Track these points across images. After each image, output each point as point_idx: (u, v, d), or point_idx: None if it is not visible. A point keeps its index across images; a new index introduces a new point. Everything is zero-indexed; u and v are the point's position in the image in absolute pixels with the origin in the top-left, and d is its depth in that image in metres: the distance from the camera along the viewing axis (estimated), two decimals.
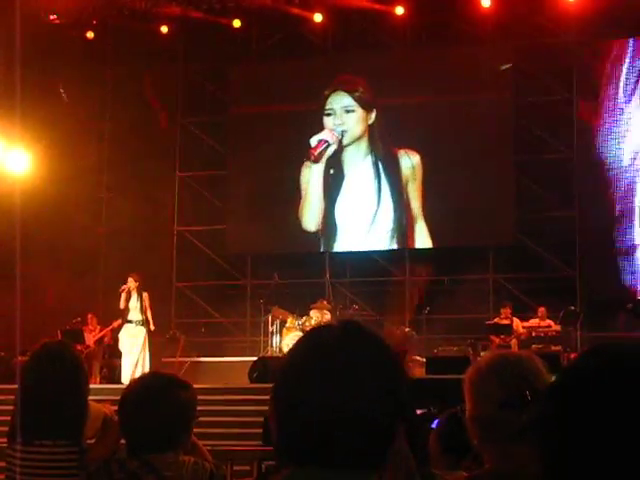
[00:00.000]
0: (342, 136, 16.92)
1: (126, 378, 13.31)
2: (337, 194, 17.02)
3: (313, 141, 16.80)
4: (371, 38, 17.35)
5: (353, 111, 17.06)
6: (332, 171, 17.02)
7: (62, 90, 17.42)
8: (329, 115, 17.06)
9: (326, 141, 16.82)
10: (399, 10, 16.82)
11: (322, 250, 17.13)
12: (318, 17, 17.11)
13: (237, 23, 17.41)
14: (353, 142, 16.95)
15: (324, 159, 16.94)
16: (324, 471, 1.38)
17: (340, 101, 17.10)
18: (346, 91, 17.12)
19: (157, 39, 17.62)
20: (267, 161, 17.17)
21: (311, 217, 17.16)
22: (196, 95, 18.15)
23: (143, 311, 13.93)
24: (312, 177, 17.09)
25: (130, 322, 13.94)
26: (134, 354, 13.75)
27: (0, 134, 15.37)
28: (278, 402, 1.44)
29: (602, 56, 16.00)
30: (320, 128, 16.99)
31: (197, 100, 18.14)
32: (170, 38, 17.79)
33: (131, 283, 13.93)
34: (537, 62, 16.44)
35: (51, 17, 17.39)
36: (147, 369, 13.31)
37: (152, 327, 14.07)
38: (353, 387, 1.38)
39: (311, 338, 1.49)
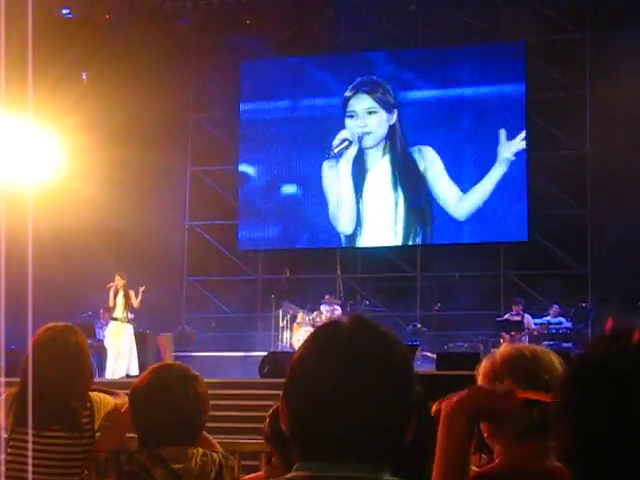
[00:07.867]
0: (363, 138, 16.93)
1: (109, 374, 13.59)
2: (358, 193, 17.02)
3: (336, 140, 16.85)
4: (383, 34, 17.30)
5: (375, 112, 17.06)
6: (353, 171, 17.07)
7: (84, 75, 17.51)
8: (351, 117, 17.08)
9: (347, 139, 16.88)
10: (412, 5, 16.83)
11: (338, 246, 17.14)
12: (331, 12, 17.09)
13: (250, 18, 17.40)
14: (377, 144, 16.95)
15: (347, 157, 16.94)
16: (336, 465, 1.37)
17: (362, 103, 17.11)
18: (367, 93, 17.14)
19: (170, 33, 17.60)
20: (279, 157, 17.15)
21: (332, 215, 17.16)
22: (208, 90, 18.13)
23: (128, 309, 14.11)
24: (334, 176, 17.09)
25: (116, 319, 14.17)
26: (118, 350, 13.92)
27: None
28: (290, 400, 1.42)
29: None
30: (334, 124, 17.03)
31: (209, 95, 18.12)
32: (183, 32, 17.78)
33: (118, 281, 14.18)
34: (549, 57, 16.36)
35: (63, 11, 17.40)
36: (134, 366, 13.50)
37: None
38: (367, 389, 1.38)
39: (321, 336, 1.46)
